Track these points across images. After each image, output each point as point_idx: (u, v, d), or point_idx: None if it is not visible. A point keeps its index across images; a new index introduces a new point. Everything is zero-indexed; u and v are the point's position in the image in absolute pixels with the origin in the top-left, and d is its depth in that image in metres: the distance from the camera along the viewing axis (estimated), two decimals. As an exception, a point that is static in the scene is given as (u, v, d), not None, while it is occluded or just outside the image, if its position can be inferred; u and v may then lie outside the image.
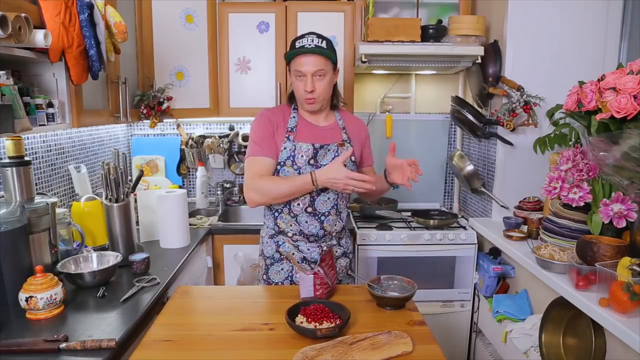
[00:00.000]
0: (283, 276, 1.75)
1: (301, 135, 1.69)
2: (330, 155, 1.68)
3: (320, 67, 1.60)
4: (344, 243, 1.83)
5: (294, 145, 1.66)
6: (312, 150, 1.66)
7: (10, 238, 1.39)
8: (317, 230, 1.71)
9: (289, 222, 1.72)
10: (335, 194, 1.70)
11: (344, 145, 1.71)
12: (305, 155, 1.66)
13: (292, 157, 1.66)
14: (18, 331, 1.27)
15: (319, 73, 1.60)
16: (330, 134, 1.73)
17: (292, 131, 1.69)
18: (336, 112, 1.79)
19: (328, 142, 1.69)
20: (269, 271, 1.78)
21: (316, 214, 1.70)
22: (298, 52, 1.60)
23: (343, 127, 1.76)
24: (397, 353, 1.17)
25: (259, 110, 1.76)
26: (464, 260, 2.42)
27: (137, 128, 2.92)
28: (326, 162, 1.67)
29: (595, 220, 1.67)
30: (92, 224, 1.88)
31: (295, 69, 1.62)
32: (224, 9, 2.54)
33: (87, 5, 1.56)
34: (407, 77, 2.91)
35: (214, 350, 1.21)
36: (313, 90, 1.61)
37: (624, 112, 1.39)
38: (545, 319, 1.71)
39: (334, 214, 1.72)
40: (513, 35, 2.23)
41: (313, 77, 1.60)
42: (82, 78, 1.63)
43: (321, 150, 1.68)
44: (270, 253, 1.77)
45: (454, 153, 2.73)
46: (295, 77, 1.63)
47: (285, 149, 1.67)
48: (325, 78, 1.62)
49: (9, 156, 1.52)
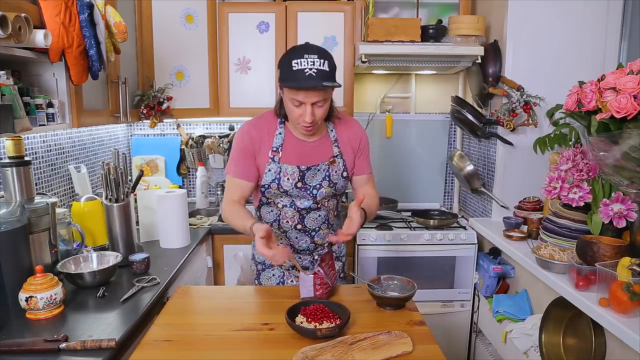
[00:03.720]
0: (274, 282, 1.73)
1: (287, 156, 1.56)
2: (320, 175, 1.57)
3: (322, 97, 1.44)
4: (335, 248, 1.75)
5: (279, 167, 1.55)
6: (297, 173, 1.55)
7: (10, 238, 1.39)
8: (308, 244, 1.66)
9: (279, 236, 1.66)
10: (325, 210, 1.64)
11: (335, 162, 1.59)
12: (291, 178, 1.55)
13: (277, 179, 1.55)
14: (18, 331, 1.27)
15: (320, 104, 1.45)
16: (320, 151, 1.59)
17: (277, 151, 1.55)
18: (329, 123, 1.63)
19: (317, 162, 1.57)
20: (260, 276, 1.76)
21: (306, 231, 1.64)
22: (296, 85, 1.40)
23: (334, 140, 1.61)
24: (397, 353, 1.17)
25: (259, 110, 1.73)
26: (464, 260, 2.42)
27: (137, 128, 2.92)
28: (316, 182, 1.57)
29: (595, 220, 1.67)
30: (92, 224, 1.88)
31: (291, 96, 1.43)
32: (224, 9, 2.53)
33: (87, 5, 1.55)
34: (407, 77, 2.91)
35: (214, 350, 1.21)
36: (313, 119, 1.46)
37: (624, 112, 1.39)
38: (545, 319, 1.71)
39: (325, 228, 1.66)
40: (513, 35, 2.23)
41: (313, 106, 1.44)
42: (82, 78, 1.63)
43: (309, 172, 1.56)
44: (261, 259, 1.74)
45: (454, 153, 2.73)
46: (291, 102, 1.45)
47: (270, 171, 1.55)
48: (325, 104, 1.47)
49: (9, 156, 1.52)
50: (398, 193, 2.87)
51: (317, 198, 1.59)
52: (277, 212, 1.63)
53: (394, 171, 2.89)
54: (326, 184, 1.59)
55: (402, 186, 2.91)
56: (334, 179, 1.60)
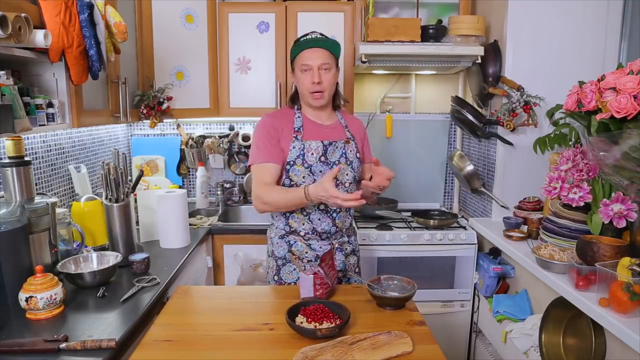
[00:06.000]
0: (296, 276, 1.75)
1: (309, 134, 1.72)
2: (338, 152, 1.72)
3: (326, 60, 1.65)
4: (353, 240, 1.86)
5: (302, 144, 1.69)
6: (321, 148, 1.69)
7: (10, 238, 1.39)
8: (330, 227, 1.73)
9: (301, 221, 1.73)
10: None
11: (349, 143, 1.75)
12: (315, 152, 1.69)
13: (302, 155, 1.68)
14: (18, 331, 1.27)
15: (325, 66, 1.64)
16: (335, 132, 1.76)
17: (299, 131, 1.71)
18: (337, 112, 1.83)
19: (335, 139, 1.73)
20: (280, 272, 1.77)
21: (328, 211, 1.73)
22: (305, 45, 1.65)
23: (345, 126, 1.80)
24: (397, 353, 1.17)
25: (259, 110, 1.77)
26: (464, 260, 2.42)
27: (137, 128, 2.93)
28: (335, 159, 1.71)
29: (595, 220, 1.67)
30: (92, 224, 1.88)
31: (301, 62, 1.65)
32: (224, 9, 2.54)
33: (87, 5, 1.55)
34: (407, 77, 2.91)
35: (214, 350, 1.21)
36: (320, 82, 1.64)
37: (624, 112, 1.39)
38: (545, 319, 1.71)
39: (344, 210, 1.77)
40: (513, 35, 2.23)
41: (319, 70, 1.64)
42: (82, 78, 1.63)
43: (330, 147, 1.71)
44: (281, 254, 1.77)
45: (454, 153, 2.73)
46: (301, 71, 1.66)
47: (295, 148, 1.69)
48: (330, 71, 1.67)
49: (9, 156, 1.52)
50: (398, 193, 2.87)
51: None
52: None
53: (393, 171, 2.88)
54: (343, 161, 1.72)
55: (402, 186, 2.91)
56: (350, 157, 1.74)
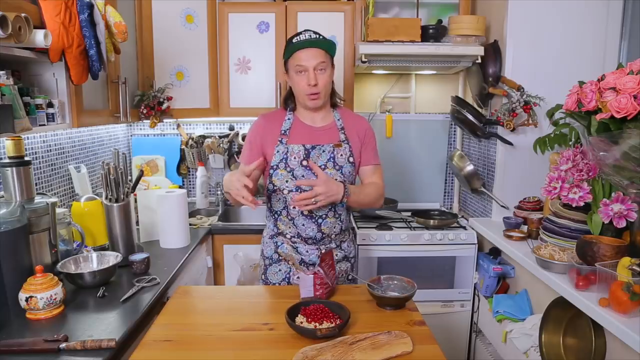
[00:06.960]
0: (280, 277, 1.75)
1: (295, 138, 1.68)
2: (325, 156, 1.66)
3: (321, 59, 1.59)
4: (345, 247, 1.79)
5: (286, 147, 1.66)
6: (303, 151, 1.65)
7: (10, 238, 1.39)
8: (315, 233, 1.70)
9: (287, 225, 1.71)
10: None
11: (340, 146, 1.69)
12: (297, 156, 1.65)
13: (285, 159, 1.66)
14: (18, 331, 1.28)
15: (321, 66, 1.59)
16: (327, 135, 1.70)
17: (285, 134, 1.68)
18: (335, 112, 1.75)
19: (322, 143, 1.67)
20: (267, 271, 1.78)
21: (313, 217, 1.68)
22: (299, 46, 1.58)
23: (341, 127, 1.72)
24: (397, 353, 1.17)
25: (259, 110, 1.77)
26: (464, 260, 2.42)
27: (137, 128, 2.92)
28: (320, 163, 1.66)
29: (595, 220, 1.67)
30: (92, 224, 1.88)
31: (296, 64, 1.60)
32: (224, 9, 2.53)
33: (87, 5, 1.56)
34: (407, 77, 2.91)
35: (214, 350, 1.21)
36: (317, 83, 1.59)
37: (624, 112, 1.39)
38: (545, 319, 1.71)
39: (332, 217, 1.70)
40: (513, 35, 2.23)
41: (315, 71, 1.59)
42: (82, 78, 1.63)
43: (313, 150, 1.66)
44: (269, 253, 1.77)
45: (454, 153, 2.73)
46: (296, 72, 1.61)
47: (279, 152, 1.67)
48: (326, 72, 1.61)
49: (9, 156, 1.52)
50: (398, 193, 2.87)
51: None
52: (284, 198, 1.68)
53: (393, 171, 2.88)
54: (331, 166, 1.66)
55: (402, 186, 2.91)
56: (340, 162, 1.68)
